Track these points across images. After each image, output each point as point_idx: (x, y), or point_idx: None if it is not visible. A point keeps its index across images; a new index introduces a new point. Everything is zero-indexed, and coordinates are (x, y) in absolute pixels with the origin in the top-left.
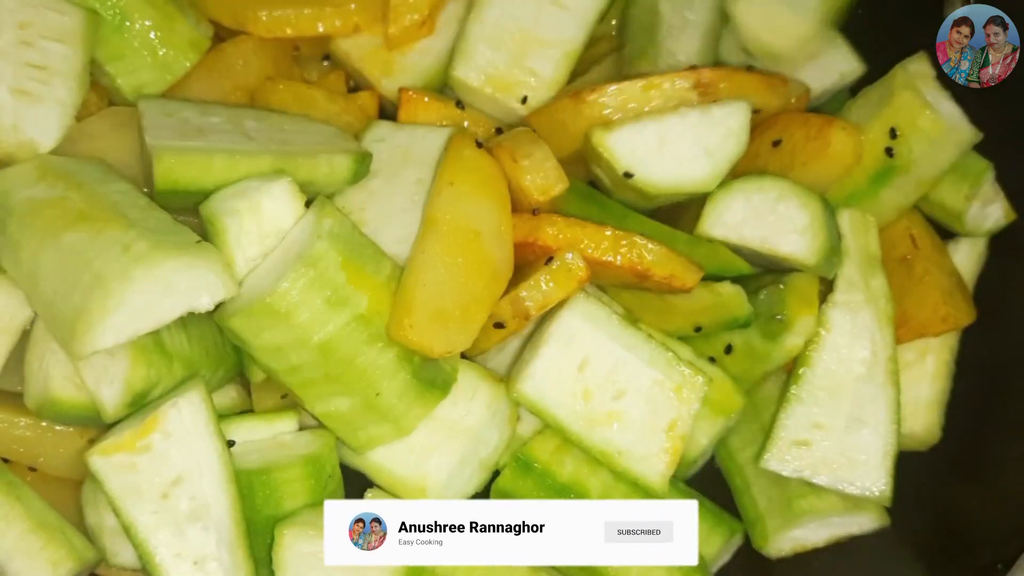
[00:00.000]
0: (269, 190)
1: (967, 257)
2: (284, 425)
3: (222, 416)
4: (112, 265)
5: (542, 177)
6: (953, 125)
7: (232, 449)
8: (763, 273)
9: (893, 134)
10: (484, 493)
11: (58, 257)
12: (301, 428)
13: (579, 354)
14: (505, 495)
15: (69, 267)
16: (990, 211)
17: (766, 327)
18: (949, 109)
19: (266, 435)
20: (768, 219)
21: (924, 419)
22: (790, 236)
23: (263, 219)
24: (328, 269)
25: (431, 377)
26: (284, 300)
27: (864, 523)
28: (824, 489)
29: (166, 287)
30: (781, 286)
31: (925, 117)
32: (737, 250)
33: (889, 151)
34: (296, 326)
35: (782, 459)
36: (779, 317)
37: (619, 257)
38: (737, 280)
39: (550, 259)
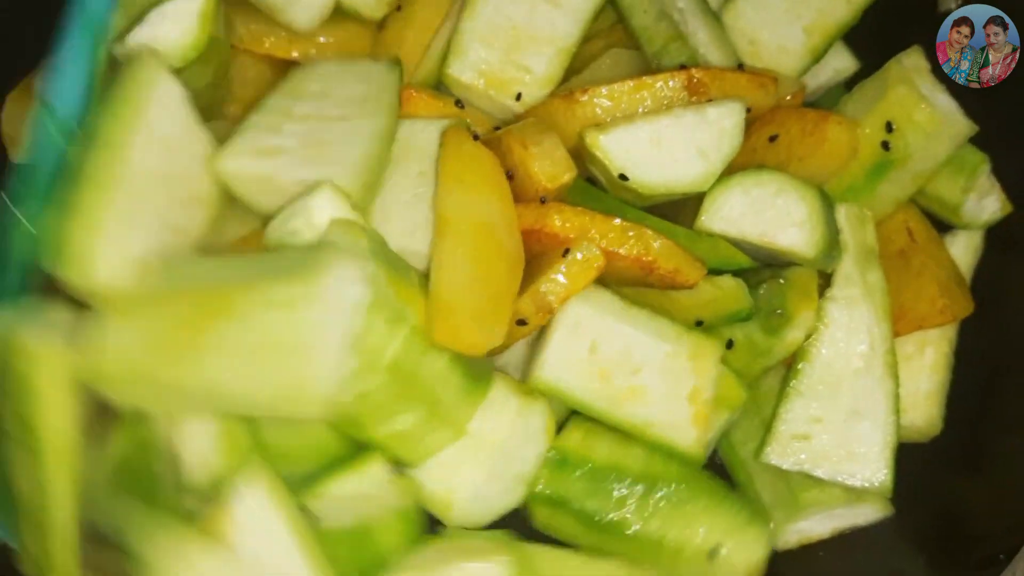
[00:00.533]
0: (314, 202)
1: (964, 250)
2: (374, 474)
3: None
4: (291, 324)
5: (551, 164)
6: (948, 118)
7: (318, 508)
8: (762, 268)
9: (889, 128)
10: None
11: (224, 354)
12: None
13: (587, 338)
14: (549, 501)
15: (245, 354)
16: (986, 203)
17: (766, 322)
18: (944, 102)
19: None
20: (767, 213)
21: (924, 411)
22: (789, 230)
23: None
24: (381, 287)
25: (476, 372)
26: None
27: (868, 514)
28: (827, 481)
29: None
30: (781, 281)
31: (920, 111)
32: (736, 244)
33: (885, 145)
34: (366, 351)
35: (782, 453)
36: (779, 311)
37: (625, 247)
38: (736, 275)
39: (567, 251)
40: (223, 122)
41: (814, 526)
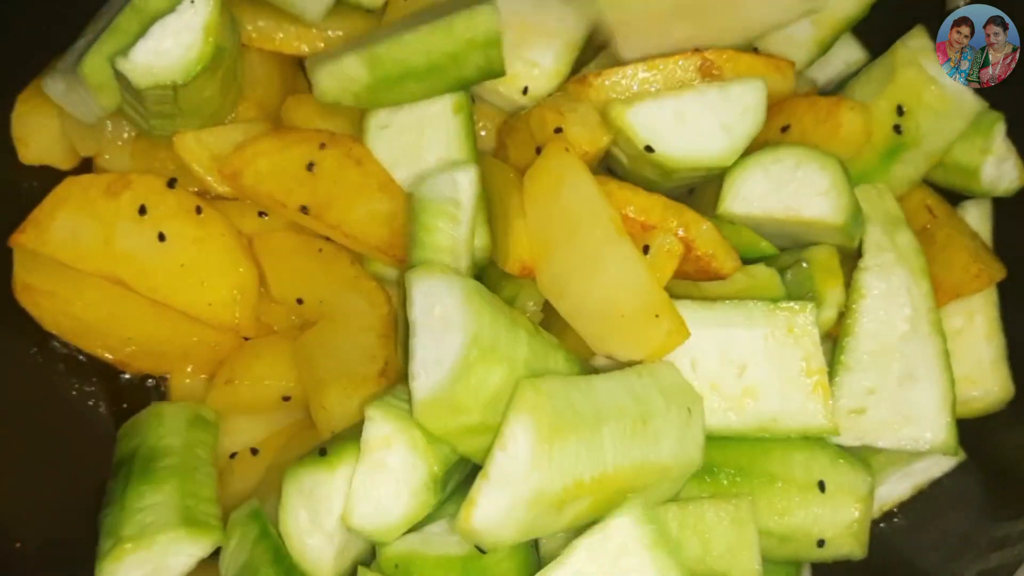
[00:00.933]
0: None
1: (978, 219)
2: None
3: None
4: None
5: (589, 129)
6: (958, 97)
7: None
8: (781, 255)
9: (900, 111)
10: None
11: None
12: None
13: (684, 357)
14: None
15: None
16: (1005, 169)
17: None
18: (952, 81)
19: None
20: (789, 187)
21: (995, 378)
22: (813, 200)
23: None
24: None
25: None
26: None
27: (942, 463)
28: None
29: None
30: (804, 265)
31: (930, 92)
32: (758, 227)
33: (897, 128)
34: None
35: (843, 431)
36: (810, 294)
37: (667, 223)
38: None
39: (646, 247)
40: (234, 125)
41: (891, 490)
